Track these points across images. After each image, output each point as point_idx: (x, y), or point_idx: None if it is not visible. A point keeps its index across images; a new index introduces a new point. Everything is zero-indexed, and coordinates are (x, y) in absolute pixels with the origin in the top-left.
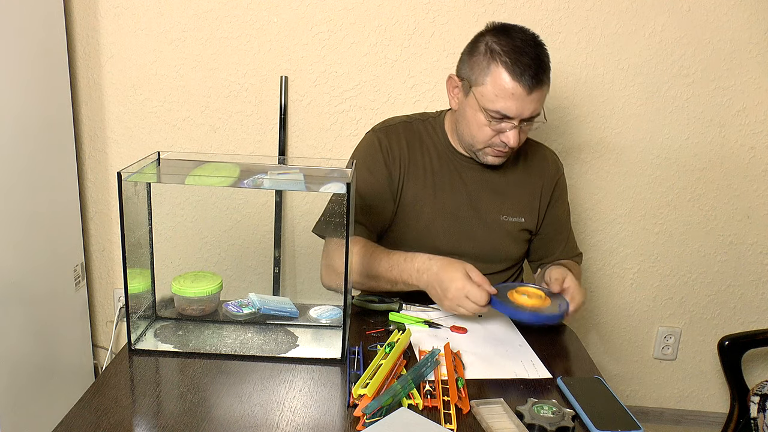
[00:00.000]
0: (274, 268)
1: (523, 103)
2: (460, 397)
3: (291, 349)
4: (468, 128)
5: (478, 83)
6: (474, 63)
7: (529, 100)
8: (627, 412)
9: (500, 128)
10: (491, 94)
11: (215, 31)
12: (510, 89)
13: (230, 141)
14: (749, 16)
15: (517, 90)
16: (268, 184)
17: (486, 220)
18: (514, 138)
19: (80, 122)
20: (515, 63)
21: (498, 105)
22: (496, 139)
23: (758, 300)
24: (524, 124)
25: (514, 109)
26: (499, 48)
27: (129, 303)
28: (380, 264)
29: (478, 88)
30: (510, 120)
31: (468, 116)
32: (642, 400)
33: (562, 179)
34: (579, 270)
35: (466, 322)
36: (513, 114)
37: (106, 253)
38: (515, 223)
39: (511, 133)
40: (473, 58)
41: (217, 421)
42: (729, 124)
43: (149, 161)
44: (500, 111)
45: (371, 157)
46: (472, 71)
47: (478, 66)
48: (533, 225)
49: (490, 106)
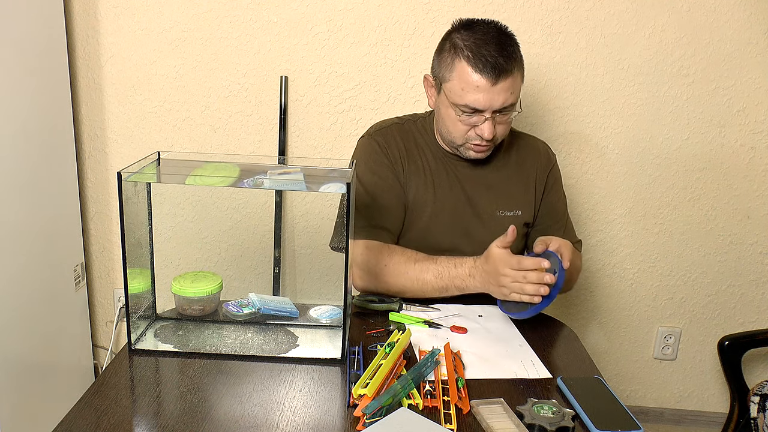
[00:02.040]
0: (274, 268)
1: (491, 94)
2: (460, 397)
3: (291, 349)
4: (444, 125)
5: (446, 80)
6: (441, 60)
7: (496, 91)
8: (627, 412)
9: (473, 122)
10: (458, 89)
11: (215, 31)
12: (474, 82)
13: (230, 141)
14: (749, 16)
15: (481, 82)
16: (268, 184)
17: (483, 216)
18: (488, 130)
19: (80, 122)
20: (476, 56)
21: (466, 99)
22: (472, 133)
23: (758, 300)
24: (498, 115)
25: (483, 102)
26: (461, 43)
27: (129, 303)
28: (428, 272)
29: (446, 84)
30: (481, 113)
31: (443, 113)
32: (642, 400)
33: (555, 168)
34: (577, 254)
35: (466, 322)
36: (482, 107)
37: (106, 253)
38: (512, 218)
39: (484, 126)
40: (441, 55)
41: (217, 421)
42: (729, 124)
43: (149, 161)
44: (469, 105)
45: (374, 160)
46: (440, 69)
47: (445, 63)
48: (530, 217)
49: (459, 101)
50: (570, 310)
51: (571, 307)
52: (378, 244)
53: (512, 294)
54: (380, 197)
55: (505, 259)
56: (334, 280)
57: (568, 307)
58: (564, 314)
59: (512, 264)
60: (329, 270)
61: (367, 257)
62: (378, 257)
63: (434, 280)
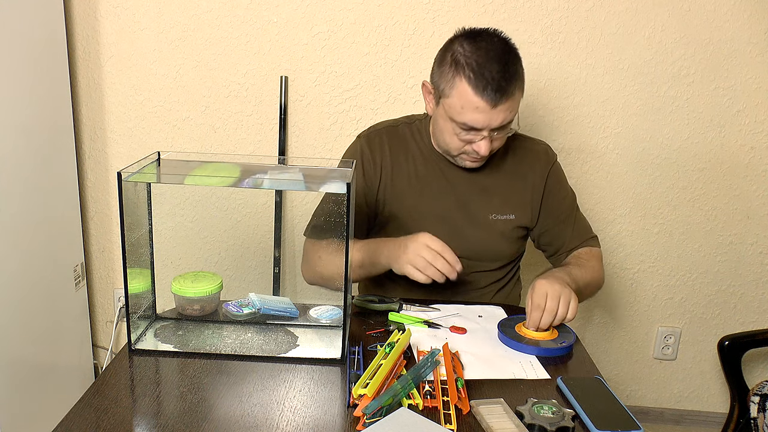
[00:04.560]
0: (274, 268)
1: (490, 115)
2: (459, 398)
3: (291, 349)
4: (441, 135)
5: (446, 95)
6: (442, 73)
7: (496, 112)
8: (627, 412)
9: (469, 139)
10: (458, 107)
11: (215, 31)
12: (474, 103)
13: (230, 141)
14: (749, 16)
15: (481, 104)
16: (268, 184)
17: (475, 220)
18: (485, 148)
19: (80, 122)
20: (478, 78)
21: (465, 118)
22: (468, 147)
23: (758, 300)
24: (494, 133)
25: (481, 122)
26: (464, 60)
27: (129, 303)
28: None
29: (446, 100)
30: (479, 131)
31: (440, 124)
32: (642, 400)
33: (555, 168)
34: (592, 256)
35: (465, 322)
36: (480, 126)
37: (106, 253)
38: (505, 221)
39: (481, 143)
40: (442, 67)
41: (217, 421)
42: (729, 124)
43: (149, 161)
44: (467, 123)
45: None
46: (440, 81)
47: (445, 77)
48: (528, 220)
49: (458, 118)
50: None
51: None
52: (318, 240)
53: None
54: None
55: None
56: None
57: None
58: None
59: (437, 246)
60: None
61: (307, 252)
62: (316, 250)
63: (356, 254)
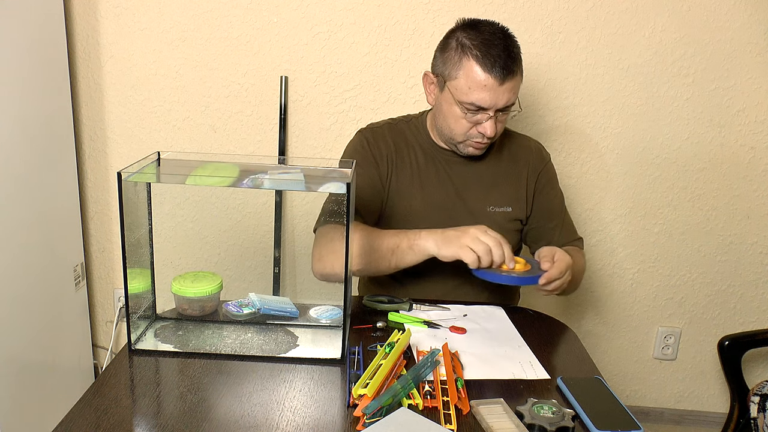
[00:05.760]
0: (274, 268)
1: (496, 93)
2: (459, 398)
3: (291, 349)
4: (446, 122)
5: (452, 77)
6: (447, 58)
7: (502, 90)
8: (627, 412)
9: (476, 120)
10: (465, 87)
11: (215, 31)
12: (482, 81)
13: (230, 141)
14: (749, 16)
15: (489, 81)
16: (268, 184)
17: (473, 212)
18: (491, 128)
19: (80, 122)
20: (485, 55)
21: (472, 97)
22: (474, 130)
23: (758, 300)
24: (499, 114)
25: (488, 100)
26: (469, 42)
27: (129, 303)
28: (383, 237)
29: (452, 82)
30: (485, 111)
31: (444, 110)
32: (642, 400)
33: (548, 168)
34: (579, 254)
35: (465, 322)
36: (487, 105)
37: (106, 253)
38: (502, 213)
39: (487, 124)
40: (445, 54)
41: (217, 421)
42: (729, 124)
43: (149, 161)
44: (474, 102)
45: (360, 155)
46: (445, 66)
47: (451, 61)
48: (522, 214)
49: (465, 99)
50: (570, 311)
51: (571, 308)
52: (331, 226)
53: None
54: (358, 189)
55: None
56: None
57: (568, 307)
58: (564, 314)
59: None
60: None
61: (320, 245)
62: (330, 239)
63: (387, 239)
